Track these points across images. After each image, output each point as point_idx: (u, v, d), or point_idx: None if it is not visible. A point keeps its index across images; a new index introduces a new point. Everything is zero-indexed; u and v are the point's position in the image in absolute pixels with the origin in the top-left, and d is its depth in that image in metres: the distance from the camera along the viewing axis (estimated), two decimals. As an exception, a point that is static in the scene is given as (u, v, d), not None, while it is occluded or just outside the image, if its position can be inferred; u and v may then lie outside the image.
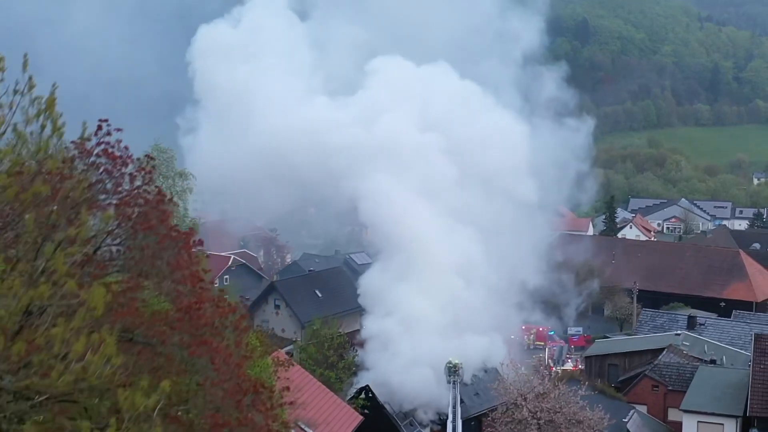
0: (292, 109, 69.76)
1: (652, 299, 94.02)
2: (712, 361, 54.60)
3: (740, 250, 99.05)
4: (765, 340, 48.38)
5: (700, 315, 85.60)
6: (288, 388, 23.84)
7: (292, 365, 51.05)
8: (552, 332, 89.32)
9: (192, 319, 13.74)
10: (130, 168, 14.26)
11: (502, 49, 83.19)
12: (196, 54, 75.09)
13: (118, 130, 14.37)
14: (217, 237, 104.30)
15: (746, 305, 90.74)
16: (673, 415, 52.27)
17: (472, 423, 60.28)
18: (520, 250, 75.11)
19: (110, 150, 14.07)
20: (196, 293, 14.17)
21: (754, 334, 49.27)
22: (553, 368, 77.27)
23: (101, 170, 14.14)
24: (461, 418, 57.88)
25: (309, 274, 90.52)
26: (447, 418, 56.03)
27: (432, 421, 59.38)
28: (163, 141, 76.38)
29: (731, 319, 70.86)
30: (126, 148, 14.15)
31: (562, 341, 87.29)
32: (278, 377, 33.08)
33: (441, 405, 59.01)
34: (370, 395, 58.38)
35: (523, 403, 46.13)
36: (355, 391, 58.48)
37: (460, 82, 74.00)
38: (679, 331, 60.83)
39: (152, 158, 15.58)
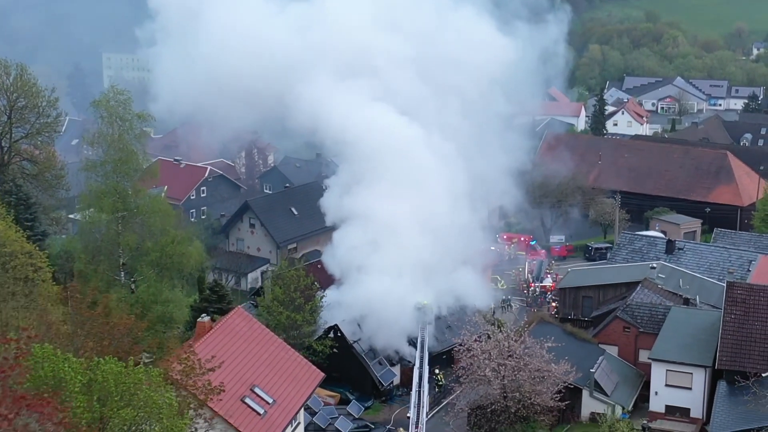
0: (244, 21, 64.91)
1: (638, 203, 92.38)
2: (686, 301, 53.28)
3: (727, 153, 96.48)
4: (737, 289, 46.91)
5: (684, 225, 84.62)
6: None
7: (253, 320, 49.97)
8: (533, 242, 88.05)
9: None
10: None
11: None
12: None
13: None
14: (194, 145, 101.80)
15: (732, 210, 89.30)
16: (644, 356, 51.34)
17: (444, 357, 59.62)
18: (500, 162, 72.38)
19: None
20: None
21: (727, 281, 47.64)
22: (532, 285, 76.41)
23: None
24: (433, 352, 57.07)
25: (285, 190, 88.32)
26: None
27: (401, 359, 58.61)
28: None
29: (711, 243, 69.18)
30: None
31: (543, 251, 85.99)
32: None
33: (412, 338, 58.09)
34: (339, 334, 57.44)
35: (487, 362, 44.95)
36: (323, 330, 57.56)
37: None
38: (654, 264, 59.15)
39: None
